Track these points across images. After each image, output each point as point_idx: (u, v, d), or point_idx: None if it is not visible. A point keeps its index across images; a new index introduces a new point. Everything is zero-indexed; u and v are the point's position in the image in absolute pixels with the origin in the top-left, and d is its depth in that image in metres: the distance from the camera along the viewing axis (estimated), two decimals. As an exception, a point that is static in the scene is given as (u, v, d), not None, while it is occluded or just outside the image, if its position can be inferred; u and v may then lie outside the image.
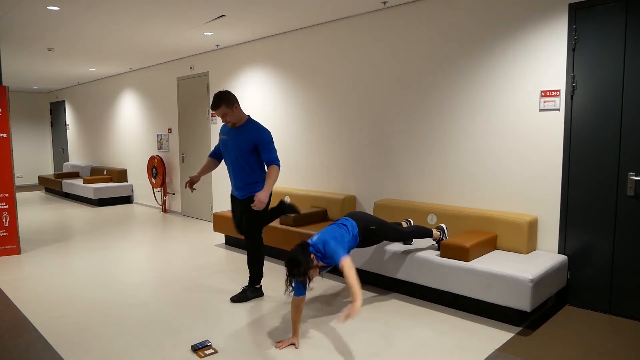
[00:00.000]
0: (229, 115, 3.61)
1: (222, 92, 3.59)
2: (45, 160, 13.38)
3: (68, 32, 5.63)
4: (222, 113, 3.59)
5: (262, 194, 3.43)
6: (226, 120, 3.64)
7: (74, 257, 5.27)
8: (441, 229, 3.90)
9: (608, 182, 3.47)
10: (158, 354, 2.95)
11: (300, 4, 4.54)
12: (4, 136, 5.23)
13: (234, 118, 3.64)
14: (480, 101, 4.09)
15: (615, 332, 3.24)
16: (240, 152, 3.65)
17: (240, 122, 3.69)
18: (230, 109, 3.59)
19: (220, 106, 3.57)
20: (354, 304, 2.69)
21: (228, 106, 3.58)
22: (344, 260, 2.88)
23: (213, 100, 3.58)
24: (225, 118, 3.62)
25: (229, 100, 3.58)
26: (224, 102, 3.57)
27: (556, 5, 3.60)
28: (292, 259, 2.87)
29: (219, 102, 3.56)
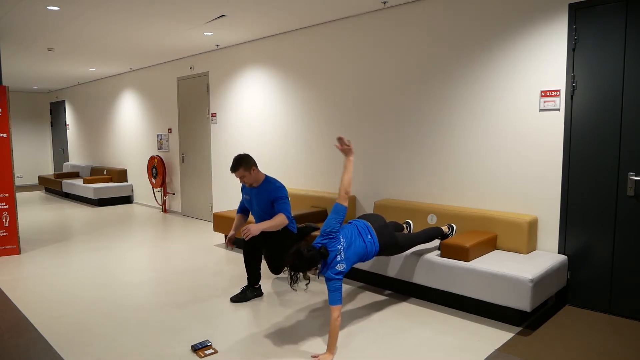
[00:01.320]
0: (247, 177, 3.81)
1: (242, 156, 3.80)
2: (45, 160, 13.38)
3: (68, 32, 5.63)
4: (241, 175, 3.79)
5: (254, 227, 3.56)
6: (244, 181, 3.84)
7: (74, 257, 5.27)
8: (451, 227, 3.88)
9: (608, 182, 3.47)
10: (158, 354, 2.95)
11: (300, 4, 4.55)
12: (4, 136, 5.23)
13: (251, 179, 3.84)
14: (480, 101, 4.09)
15: (615, 332, 3.24)
16: (263, 208, 3.89)
17: (257, 182, 3.89)
18: (248, 172, 3.79)
19: (239, 169, 3.76)
20: (325, 355, 2.83)
21: (246, 169, 3.77)
22: (336, 309, 2.84)
23: (233, 162, 3.77)
24: (244, 179, 3.82)
25: (248, 164, 3.78)
26: (243, 165, 3.76)
27: (556, 5, 3.60)
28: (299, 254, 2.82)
29: (237, 166, 3.76)
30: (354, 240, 3.10)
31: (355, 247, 3.08)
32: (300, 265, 2.83)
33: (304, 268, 2.84)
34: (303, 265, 2.83)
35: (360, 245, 3.12)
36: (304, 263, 2.82)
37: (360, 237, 3.17)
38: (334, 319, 2.84)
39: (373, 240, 3.22)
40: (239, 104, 6.59)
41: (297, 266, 2.83)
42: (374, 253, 3.24)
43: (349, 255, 3.01)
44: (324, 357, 2.83)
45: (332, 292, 2.87)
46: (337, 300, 2.86)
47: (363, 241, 3.16)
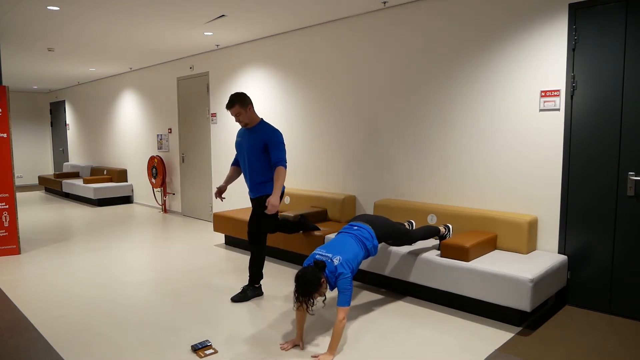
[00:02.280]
0: (242, 115, 3.75)
1: (238, 93, 3.76)
2: (45, 160, 13.37)
3: (68, 32, 5.63)
4: (236, 112, 3.73)
5: (273, 198, 3.55)
6: (239, 120, 3.77)
7: (74, 257, 5.27)
8: (447, 227, 3.91)
9: (608, 182, 3.47)
10: (158, 354, 2.95)
11: (300, 4, 4.55)
12: (4, 136, 5.23)
13: (247, 118, 3.78)
14: (480, 101, 4.09)
15: (615, 332, 3.24)
16: (252, 151, 3.77)
17: (252, 123, 3.82)
18: (243, 109, 3.73)
19: (234, 105, 3.72)
20: (326, 355, 2.82)
21: (242, 106, 3.73)
22: (343, 310, 2.83)
23: (229, 99, 3.74)
24: (239, 117, 3.76)
25: (244, 101, 3.73)
26: (239, 102, 3.72)
27: (556, 5, 3.60)
28: (302, 279, 2.80)
29: (234, 102, 3.72)
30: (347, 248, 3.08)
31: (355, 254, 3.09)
32: (309, 287, 2.79)
33: (314, 287, 2.80)
34: (311, 286, 2.79)
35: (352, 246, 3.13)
36: (311, 284, 2.79)
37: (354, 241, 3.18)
38: (339, 320, 2.82)
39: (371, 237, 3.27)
40: (239, 104, 6.59)
41: (308, 291, 2.80)
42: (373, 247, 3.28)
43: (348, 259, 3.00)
44: (324, 357, 2.83)
45: (341, 292, 2.87)
46: (345, 302, 2.85)
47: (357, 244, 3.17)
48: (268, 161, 3.78)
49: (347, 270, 2.93)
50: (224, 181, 4.11)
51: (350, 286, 2.89)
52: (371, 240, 3.27)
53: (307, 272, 2.82)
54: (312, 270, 2.82)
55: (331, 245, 3.09)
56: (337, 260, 2.93)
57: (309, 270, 2.82)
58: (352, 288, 2.92)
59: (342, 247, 3.07)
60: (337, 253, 3.00)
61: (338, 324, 2.82)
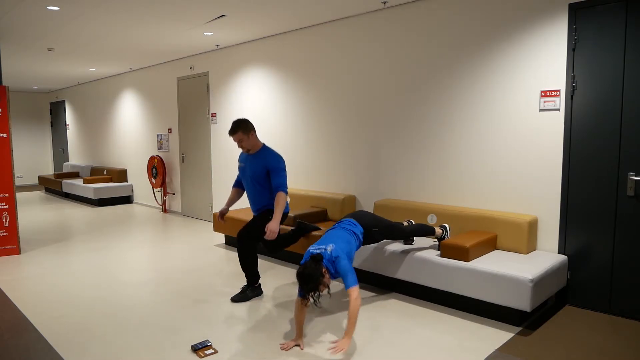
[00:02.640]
0: (245, 142, 3.80)
1: (241, 119, 3.79)
2: (45, 160, 13.37)
3: (68, 32, 5.63)
4: (239, 139, 3.78)
5: (273, 224, 3.57)
6: (242, 146, 3.82)
7: (74, 257, 5.27)
8: (444, 227, 3.91)
9: (608, 182, 3.47)
10: (158, 354, 2.95)
11: (300, 4, 4.55)
12: (4, 136, 5.23)
13: (249, 145, 3.82)
14: (480, 101, 4.09)
15: (615, 332, 3.24)
16: (255, 177, 3.84)
17: (255, 149, 3.87)
18: (246, 136, 3.77)
19: (237, 132, 3.75)
20: (344, 340, 2.77)
21: (245, 132, 3.76)
22: (354, 289, 2.84)
23: (232, 126, 3.77)
24: (241, 144, 3.80)
25: (246, 128, 3.77)
26: (241, 129, 3.76)
27: (556, 5, 3.60)
28: (304, 275, 2.83)
29: (236, 128, 3.76)
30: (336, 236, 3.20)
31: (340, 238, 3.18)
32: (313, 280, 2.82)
33: (317, 280, 2.82)
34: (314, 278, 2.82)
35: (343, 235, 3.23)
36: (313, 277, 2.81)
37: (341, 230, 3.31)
38: (353, 299, 2.82)
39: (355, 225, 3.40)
40: (239, 104, 6.60)
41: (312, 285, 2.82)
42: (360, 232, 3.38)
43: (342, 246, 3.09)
44: (342, 342, 2.78)
45: (345, 275, 2.90)
46: (352, 282, 2.87)
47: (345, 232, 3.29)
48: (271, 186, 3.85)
49: (342, 254, 2.99)
50: (226, 204, 4.15)
51: (350, 266, 2.94)
52: (355, 226, 3.40)
53: (307, 266, 2.85)
54: (312, 264, 2.86)
55: (322, 239, 3.20)
56: (331, 247, 3.02)
57: (308, 265, 2.86)
58: (353, 268, 2.95)
59: (332, 237, 3.18)
60: (329, 242, 3.09)
61: (353, 303, 2.81)
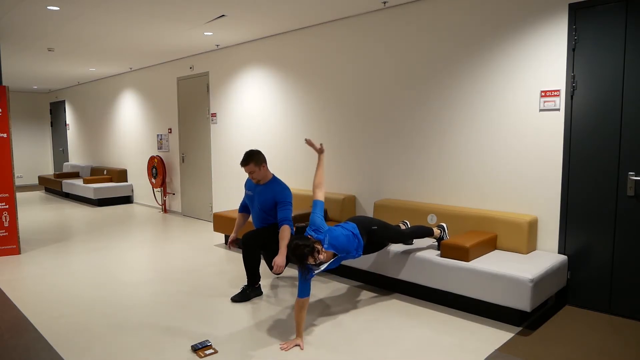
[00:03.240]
0: (256, 173, 3.86)
1: (254, 151, 3.85)
2: (45, 160, 13.38)
3: (68, 32, 5.63)
4: (250, 170, 3.84)
5: (279, 259, 3.58)
6: (252, 177, 3.88)
7: (74, 257, 5.27)
8: (442, 227, 3.91)
9: (608, 182, 3.47)
10: (158, 354, 2.95)
11: (301, 4, 4.55)
12: (4, 136, 5.23)
13: (260, 176, 3.88)
14: (480, 101, 4.09)
15: (615, 332, 3.24)
16: (263, 207, 3.91)
17: (264, 180, 3.93)
18: (257, 167, 3.84)
19: (249, 163, 3.81)
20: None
21: (257, 165, 3.83)
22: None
23: (244, 157, 3.83)
24: (252, 175, 3.87)
25: (259, 160, 3.83)
26: (254, 161, 3.81)
27: (556, 5, 3.60)
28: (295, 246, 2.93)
29: (248, 160, 3.81)
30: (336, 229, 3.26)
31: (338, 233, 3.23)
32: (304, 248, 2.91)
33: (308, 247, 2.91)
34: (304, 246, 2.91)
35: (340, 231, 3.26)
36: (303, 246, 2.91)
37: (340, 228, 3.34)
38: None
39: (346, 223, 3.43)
40: (239, 104, 6.60)
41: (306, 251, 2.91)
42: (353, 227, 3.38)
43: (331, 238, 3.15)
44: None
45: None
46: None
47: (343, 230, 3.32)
48: None
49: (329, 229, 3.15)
50: (234, 231, 4.15)
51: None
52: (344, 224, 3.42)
53: (294, 239, 2.99)
54: (297, 236, 3.01)
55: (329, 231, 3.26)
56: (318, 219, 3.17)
57: (294, 237, 3.00)
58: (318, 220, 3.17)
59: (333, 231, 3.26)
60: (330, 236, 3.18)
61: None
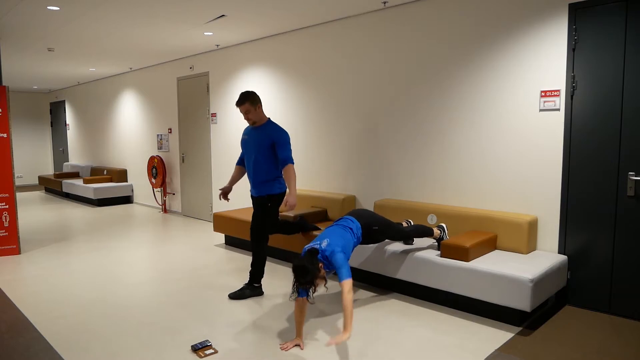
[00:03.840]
0: (251, 113, 3.83)
1: (249, 91, 3.83)
2: (45, 160, 13.37)
3: (68, 32, 5.63)
4: (246, 109, 3.81)
5: (291, 198, 3.62)
6: (248, 118, 3.84)
7: (74, 257, 5.27)
8: (441, 228, 3.91)
9: (608, 182, 3.47)
10: (158, 354, 2.95)
11: (300, 4, 4.55)
12: (4, 136, 5.23)
13: (256, 117, 3.85)
14: (480, 101, 4.09)
15: (615, 332, 3.24)
16: (258, 149, 3.84)
17: (260, 122, 3.90)
18: (253, 107, 3.81)
19: (245, 103, 3.79)
20: (343, 334, 2.71)
21: (252, 104, 3.80)
22: (347, 282, 2.84)
23: (240, 96, 3.80)
24: (248, 115, 3.83)
25: (254, 100, 3.81)
26: (249, 100, 3.79)
27: (556, 5, 3.60)
28: (300, 267, 2.84)
29: (244, 99, 3.79)
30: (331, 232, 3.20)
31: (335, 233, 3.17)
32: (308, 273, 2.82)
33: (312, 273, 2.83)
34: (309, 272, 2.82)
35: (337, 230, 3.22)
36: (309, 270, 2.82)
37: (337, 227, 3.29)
38: (345, 293, 2.80)
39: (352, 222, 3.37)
40: (239, 104, 6.59)
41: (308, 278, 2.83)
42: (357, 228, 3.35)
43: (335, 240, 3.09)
44: (340, 336, 2.74)
45: (338, 268, 2.91)
46: (345, 275, 2.86)
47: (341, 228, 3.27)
48: (273, 160, 3.85)
49: (337, 247, 3.00)
50: (229, 182, 4.17)
51: (345, 260, 2.94)
52: (353, 223, 3.38)
53: (303, 260, 2.88)
54: (307, 258, 2.89)
55: (318, 237, 3.20)
56: (325, 242, 3.03)
57: (304, 258, 2.89)
58: (348, 263, 2.96)
59: (327, 233, 3.18)
60: (324, 238, 3.09)
61: (345, 297, 2.80)
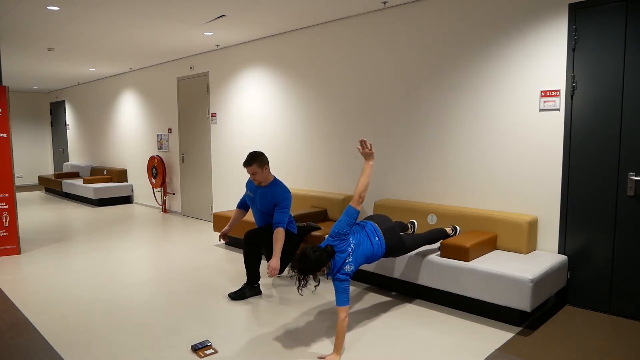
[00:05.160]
0: (259, 174, 3.88)
1: (257, 153, 3.88)
2: (45, 160, 13.37)
3: (68, 32, 5.63)
4: (253, 171, 3.85)
5: (274, 262, 3.63)
6: (254, 179, 3.91)
7: (74, 257, 5.27)
8: (455, 229, 3.90)
9: (608, 182, 3.47)
10: (158, 354, 2.95)
11: (300, 4, 4.55)
12: (4, 136, 5.23)
13: (262, 178, 3.91)
14: (480, 101, 4.09)
15: (615, 332, 3.24)
16: (264, 209, 3.97)
17: (266, 182, 3.96)
18: (260, 169, 3.86)
19: (252, 165, 3.84)
20: (334, 355, 2.80)
21: (259, 166, 3.86)
22: (343, 310, 2.83)
23: (248, 157, 3.86)
24: (255, 176, 3.89)
25: (262, 162, 3.87)
26: (257, 162, 3.85)
27: (556, 5, 3.60)
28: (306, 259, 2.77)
29: (252, 161, 3.84)
30: (362, 242, 3.07)
31: (363, 248, 3.05)
32: (309, 267, 2.78)
33: (313, 270, 2.80)
34: (311, 267, 2.78)
35: (368, 247, 3.09)
36: (312, 265, 2.78)
37: (368, 239, 3.12)
38: (340, 320, 2.81)
39: (380, 242, 3.18)
40: (239, 104, 6.60)
41: (306, 269, 2.79)
42: (380, 254, 3.21)
43: (357, 257, 3.00)
44: (330, 357, 2.82)
45: (340, 293, 2.86)
46: (344, 301, 2.84)
47: (371, 243, 3.12)
48: None
49: (352, 269, 2.93)
50: (228, 225, 4.23)
51: (347, 287, 2.88)
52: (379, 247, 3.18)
53: (316, 250, 2.80)
54: (321, 255, 2.80)
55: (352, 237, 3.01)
56: (350, 256, 2.93)
57: (317, 253, 2.79)
58: (349, 287, 2.90)
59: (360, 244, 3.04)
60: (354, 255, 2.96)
61: (340, 324, 2.81)
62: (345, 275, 2.90)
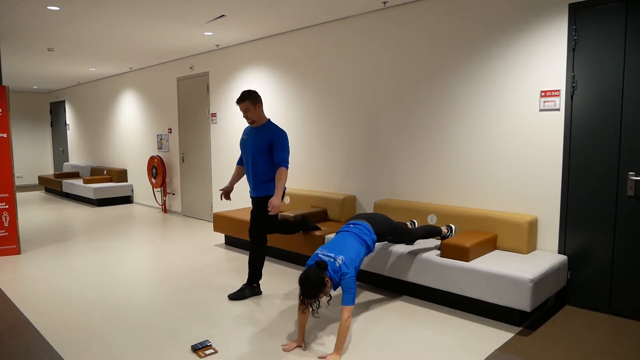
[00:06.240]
0: (251, 112, 3.81)
1: (250, 90, 3.82)
2: (45, 160, 13.37)
3: (68, 32, 5.63)
4: (245, 108, 3.79)
5: (275, 199, 3.63)
6: (247, 116, 3.83)
7: (74, 257, 5.27)
8: (450, 228, 3.91)
9: (608, 182, 3.47)
10: (158, 354, 2.95)
11: (300, 4, 4.55)
12: (4, 136, 5.23)
13: (255, 116, 3.83)
14: (480, 101, 4.09)
15: (615, 332, 3.24)
16: (257, 150, 3.82)
17: (260, 122, 3.89)
18: (253, 106, 3.79)
19: (245, 101, 3.78)
20: (335, 355, 2.81)
21: (252, 103, 3.79)
22: (349, 308, 2.83)
23: (241, 94, 3.80)
24: (247, 114, 3.81)
25: (255, 98, 3.80)
26: (249, 98, 3.78)
27: (556, 5, 3.60)
28: (306, 281, 2.80)
29: (244, 97, 3.78)
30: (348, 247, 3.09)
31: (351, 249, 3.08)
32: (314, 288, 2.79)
33: (318, 288, 2.80)
34: (316, 287, 2.79)
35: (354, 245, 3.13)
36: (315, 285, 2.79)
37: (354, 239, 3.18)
38: (344, 319, 2.82)
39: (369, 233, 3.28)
40: (239, 104, 6.59)
41: (310, 290, 2.80)
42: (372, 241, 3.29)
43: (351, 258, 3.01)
44: (331, 357, 2.82)
45: (345, 291, 2.88)
46: (350, 301, 2.85)
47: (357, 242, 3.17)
48: (272, 160, 3.83)
49: (351, 269, 2.94)
50: (229, 182, 4.18)
51: (354, 285, 2.90)
52: (370, 235, 3.29)
53: (310, 274, 2.81)
54: (315, 272, 2.82)
55: (333, 245, 3.10)
56: (340, 260, 2.95)
57: (312, 272, 2.82)
58: (356, 287, 2.91)
59: (344, 246, 3.08)
60: (339, 253, 3.00)
61: (343, 323, 2.82)
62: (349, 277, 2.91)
